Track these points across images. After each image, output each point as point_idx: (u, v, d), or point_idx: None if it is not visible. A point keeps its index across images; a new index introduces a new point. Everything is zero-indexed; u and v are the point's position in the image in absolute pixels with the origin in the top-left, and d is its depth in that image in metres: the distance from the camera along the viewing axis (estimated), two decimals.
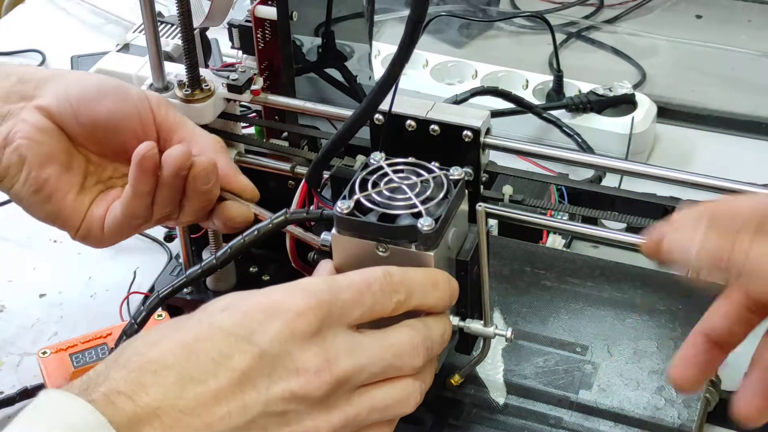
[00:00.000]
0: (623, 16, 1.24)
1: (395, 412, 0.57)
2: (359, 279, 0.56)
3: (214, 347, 0.52)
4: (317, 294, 0.54)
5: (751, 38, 1.17)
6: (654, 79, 1.12)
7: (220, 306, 0.55)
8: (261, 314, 0.53)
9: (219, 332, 0.53)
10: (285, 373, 0.53)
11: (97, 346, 0.74)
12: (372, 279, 0.56)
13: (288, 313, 0.53)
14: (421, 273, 0.58)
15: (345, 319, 0.55)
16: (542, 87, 1.05)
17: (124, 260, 0.92)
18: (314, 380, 0.53)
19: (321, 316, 0.54)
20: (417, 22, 0.56)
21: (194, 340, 0.52)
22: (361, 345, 0.55)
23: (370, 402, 0.55)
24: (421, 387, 0.58)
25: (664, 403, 0.66)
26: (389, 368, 0.56)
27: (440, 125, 0.68)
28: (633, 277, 0.75)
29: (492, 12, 1.24)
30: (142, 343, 0.53)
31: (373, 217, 0.59)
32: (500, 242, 0.79)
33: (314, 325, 0.53)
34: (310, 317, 0.53)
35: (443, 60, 1.09)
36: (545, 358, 0.69)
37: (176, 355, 0.52)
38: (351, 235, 0.60)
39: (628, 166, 0.72)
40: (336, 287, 0.55)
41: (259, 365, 0.52)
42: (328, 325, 0.54)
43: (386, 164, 0.62)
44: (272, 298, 0.54)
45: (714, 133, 1.05)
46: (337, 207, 0.59)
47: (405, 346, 0.56)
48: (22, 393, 0.79)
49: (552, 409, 0.66)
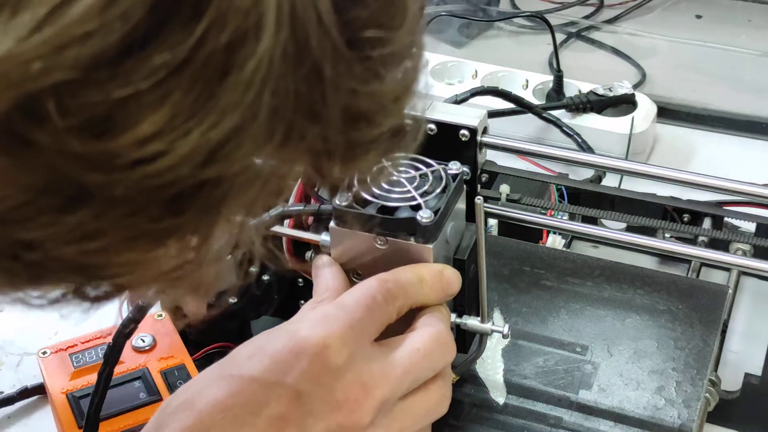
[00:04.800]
0: (623, 16, 1.24)
1: (434, 416, 0.57)
2: (362, 295, 0.56)
3: (248, 399, 0.51)
4: (336, 321, 0.54)
5: (751, 38, 1.17)
6: (654, 79, 1.12)
7: (247, 354, 0.54)
8: (289, 354, 0.53)
9: (250, 383, 0.52)
10: (326, 408, 0.52)
11: (97, 346, 0.74)
12: (374, 291, 0.56)
13: (314, 347, 0.52)
14: (408, 272, 0.58)
15: (366, 338, 0.54)
16: (542, 87, 1.05)
17: None
18: (357, 409, 0.52)
19: (348, 343, 0.53)
20: None
21: (228, 395, 0.52)
22: (391, 359, 0.54)
23: (413, 413, 0.55)
24: (448, 383, 0.58)
25: (664, 403, 0.66)
26: (424, 372, 0.56)
27: (437, 124, 0.68)
28: (633, 277, 0.75)
29: (492, 12, 1.24)
30: (177, 405, 0.52)
31: (372, 209, 0.59)
32: (500, 242, 0.79)
33: (344, 354, 0.53)
34: (337, 346, 0.53)
35: (443, 60, 1.09)
36: (545, 357, 0.69)
37: (213, 416, 0.51)
38: (350, 228, 0.60)
39: (628, 166, 0.72)
40: (347, 308, 0.55)
41: (298, 406, 0.51)
42: (355, 350, 0.53)
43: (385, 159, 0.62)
44: (296, 337, 0.53)
45: (714, 133, 1.05)
46: (336, 200, 0.60)
47: (432, 345, 0.56)
48: (22, 392, 0.79)
49: (552, 409, 0.66)
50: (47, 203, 0.30)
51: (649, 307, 0.72)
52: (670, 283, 0.74)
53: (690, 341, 0.70)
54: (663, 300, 0.72)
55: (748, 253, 0.80)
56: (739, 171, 0.70)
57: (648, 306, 0.72)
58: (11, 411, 0.79)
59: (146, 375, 0.72)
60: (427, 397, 0.56)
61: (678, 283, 0.74)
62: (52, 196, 0.30)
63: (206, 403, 0.51)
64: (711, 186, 0.68)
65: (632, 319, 0.72)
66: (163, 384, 0.72)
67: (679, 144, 1.04)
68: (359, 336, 0.54)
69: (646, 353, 0.69)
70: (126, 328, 0.63)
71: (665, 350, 0.69)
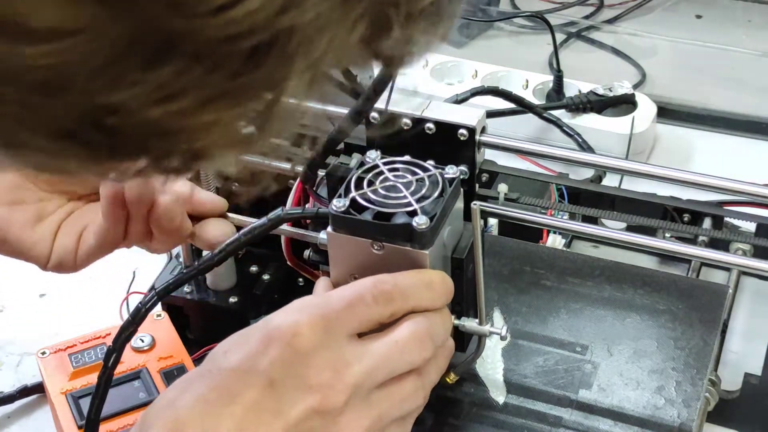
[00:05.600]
0: (623, 16, 1.24)
1: (410, 407, 0.57)
2: (350, 292, 0.57)
3: (224, 391, 0.52)
4: (309, 310, 0.55)
5: (751, 38, 1.17)
6: (654, 79, 1.12)
7: (223, 349, 0.56)
8: (260, 344, 0.54)
9: (226, 374, 0.53)
10: (300, 393, 0.53)
11: (96, 347, 0.74)
12: (363, 290, 0.56)
13: (285, 335, 0.54)
14: (413, 276, 0.58)
15: (344, 330, 0.55)
16: (542, 87, 1.05)
17: (124, 260, 0.92)
18: (330, 393, 0.53)
19: (318, 331, 0.54)
20: None
21: (207, 390, 0.53)
22: (367, 349, 0.55)
23: (388, 401, 0.56)
24: (426, 380, 0.58)
25: (663, 402, 0.66)
26: (400, 364, 0.56)
27: (435, 124, 0.68)
28: (633, 277, 0.75)
29: (492, 12, 1.24)
30: (161, 406, 0.54)
31: (369, 215, 0.59)
32: (500, 242, 0.79)
33: (313, 341, 0.54)
34: (307, 334, 0.54)
35: (443, 60, 1.09)
36: (545, 357, 0.69)
37: (192, 411, 0.52)
38: (346, 233, 0.60)
39: (629, 166, 0.72)
40: (328, 301, 0.56)
41: (271, 393, 0.52)
42: (328, 338, 0.54)
43: (382, 163, 0.62)
44: (268, 327, 0.55)
45: (714, 133, 1.05)
46: (332, 205, 0.59)
47: (410, 340, 0.56)
48: (22, 391, 0.80)
49: (552, 409, 0.66)
50: (132, 61, 0.31)
51: (649, 307, 0.72)
52: (670, 282, 0.74)
53: (690, 341, 0.70)
54: (663, 300, 0.72)
55: (749, 252, 0.80)
56: (739, 171, 0.70)
57: (648, 306, 0.72)
58: (11, 410, 0.79)
59: (145, 375, 0.72)
60: (401, 387, 0.56)
61: (678, 282, 0.74)
62: (138, 52, 0.30)
63: (187, 400, 0.53)
64: (711, 186, 0.68)
65: (632, 318, 0.71)
66: (163, 384, 0.72)
67: (679, 144, 1.04)
68: (332, 326, 0.55)
69: (646, 353, 0.69)
70: (126, 330, 0.63)
71: (665, 350, 0.69)
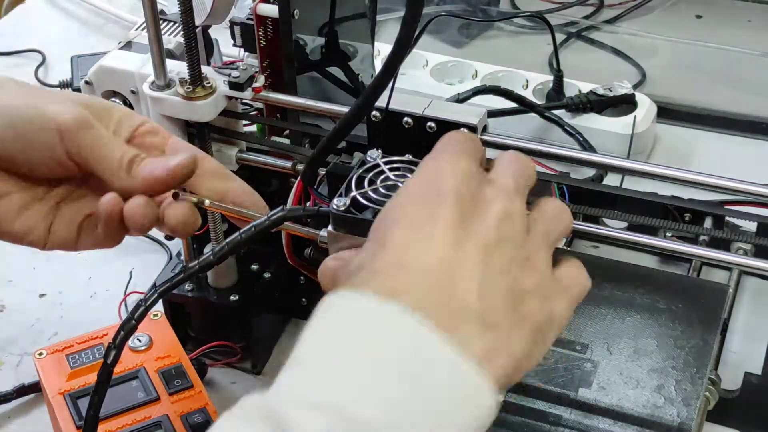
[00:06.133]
0: (623, 16, 1.24)
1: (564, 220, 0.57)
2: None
3: (420, 216, 0.51)
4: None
5: (751, 38, 1.17)
6: (654, 79, 1.12)
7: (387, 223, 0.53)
8: (434, 173, 0.53)
9: (409, 204, 0.52)
10: (487, 204, 0.52)
11: (93, 347, 0.74)
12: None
13: (449, 165, 0.53)
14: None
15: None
16: (542, 87, 1.05)
17: (124, 260, 0.92)
18: (505, 197, 0.53)
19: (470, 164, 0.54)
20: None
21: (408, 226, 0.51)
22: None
23: (540, 211, 0.55)
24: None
25: (663, 401, 0.66)
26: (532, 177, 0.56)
27: (437, 122, 0.68)
28: (633, 276, 0.75)
29: (492, 12, 1.24)
30: (358, 264, 0.52)
31: (370, 214, 0.59)
32: None
33: (473, 165, 0.54)
34: (462, 162, 0.53)
35: (443, 60, 1.09)
36: (545, 355, 0.69)
37: (396, 244, 0.51)
38: (347, 233, 0.60)
39: (630, 165, 0.72)
40: None
41: (465, 206, 0.51)
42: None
43: (383, 162, 0.62)
44: (427, 167, 0.54)
45: (714, 133, 1.05)
46: (333, 204, 0.59)
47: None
48: (19, 390, 0.80)
49: (551, 407, 0.66)
50: None
51: (649, 306, 0.72)
52: (670, 282, 0.74)
53: (690, 340, 0.69)
54: (663, 299, 0.72)
55: (749, 252, 0.80)
56: (739, 171, 0.70)
57: (648, 305, 0.72)
58: (9, 409, 0.79)
59: (143, 374, 0.72)
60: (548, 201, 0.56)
61: (679, 282, 0.74)
62: None
63: (392, 236, 0.51)
64: (712, 185, 0.68)
65: (632, 317, 0.71)
66: (161, 383, 0.72)
67: (679, 144, 1.04)
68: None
69: (646, 352, 0.69)
70: (127, 327, 0.63)
71: (665, 349, 0.69)
